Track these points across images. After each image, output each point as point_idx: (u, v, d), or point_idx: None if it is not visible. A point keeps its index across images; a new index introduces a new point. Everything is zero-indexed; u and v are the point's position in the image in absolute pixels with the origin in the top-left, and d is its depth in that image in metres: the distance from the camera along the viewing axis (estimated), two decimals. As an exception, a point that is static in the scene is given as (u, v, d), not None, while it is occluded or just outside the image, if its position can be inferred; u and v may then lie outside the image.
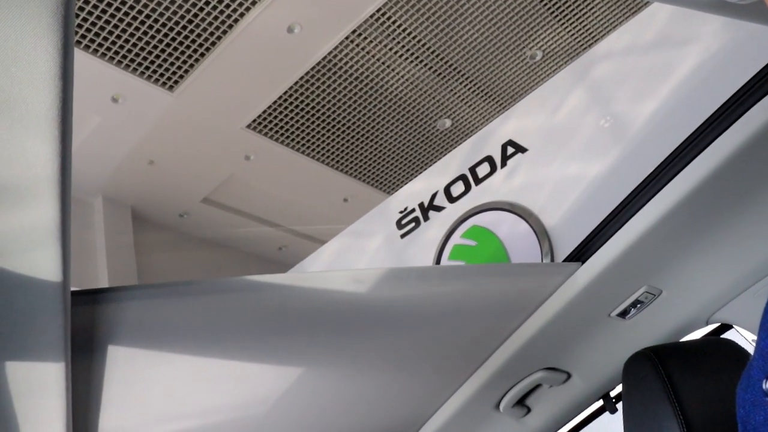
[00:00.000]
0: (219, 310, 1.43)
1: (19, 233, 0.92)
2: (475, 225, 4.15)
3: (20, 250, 0.94)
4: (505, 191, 4.08)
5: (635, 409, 1.29)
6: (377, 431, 2.06)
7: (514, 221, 3.97)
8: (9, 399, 1.26)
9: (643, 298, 1.66)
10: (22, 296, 1.03)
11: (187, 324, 1.42)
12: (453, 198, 4.32)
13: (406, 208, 4.55)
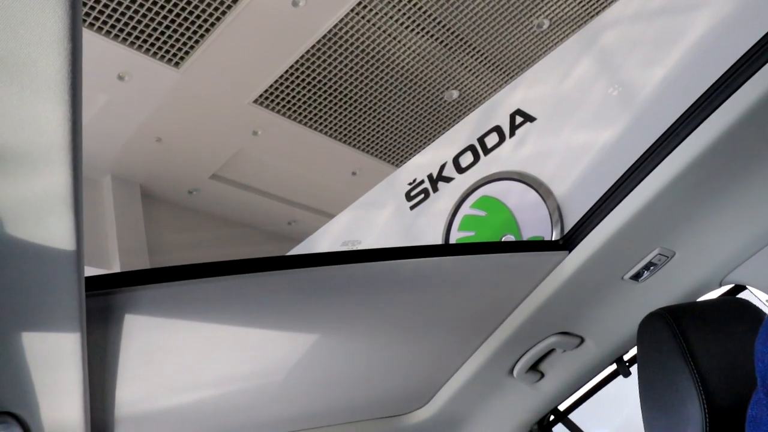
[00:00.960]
0: (234, 283, 1.44)
1: (31, 201, 0.91)
2: (484, 195, 4.16)
3: (33, 218, 0.94)
4: (514, 161, 4.08)
5: (650, 369, 1.29)
6: (392, 399, 2.07)
7: (523, 191, 3.97)
8: (27, 370, 1.27)
9: (656, 261, 1.66)
10: (35, 266, 1.03)
11: (202, 295, 1.43)
12: (462, 169, 4.32)
13: (414, 179, 4.55)
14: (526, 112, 4.06)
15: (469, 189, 4.24)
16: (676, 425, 1.20)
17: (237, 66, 6.02)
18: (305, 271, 1.48)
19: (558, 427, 2.33)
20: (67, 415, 1.45)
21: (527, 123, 4.05)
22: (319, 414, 2.00)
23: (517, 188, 4.02)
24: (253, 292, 1.45)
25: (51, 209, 0.93)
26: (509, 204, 4.05)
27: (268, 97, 6.41)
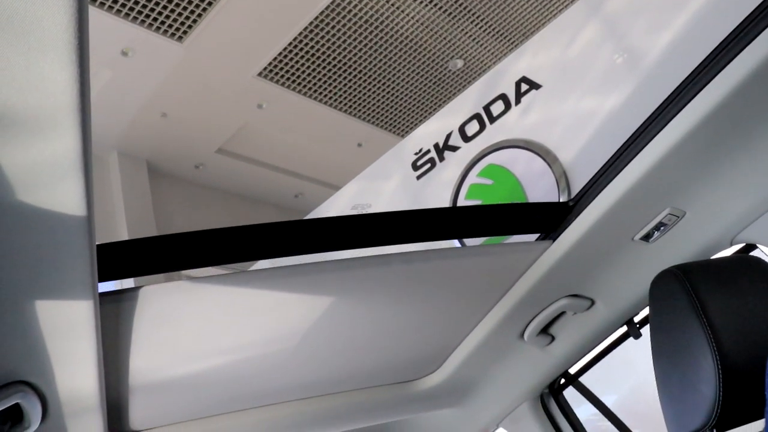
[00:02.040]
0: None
1: (40, 167, 0.91)
2: (491, 164, 4.15)
3: (42, 184, 0.94)
4: (520, 129, 4.07)
5: (663, 327, 1.29)
6: (403, 365, 2.08)
7: (529, 158, 3.96)
8: (41, 340, 1.28)
9: (667, 221, 1.65)
10: (47, 233, 1.03)
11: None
12: (468, 137, 4.31)
13: (421, 149, 4.54)
14: (532, 79, 4.04)
15: (475, 157, 4.23)
16: (689, 382, 1.21)
17: (240, 39, 6.00)
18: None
19: (569, 390, 2.34)
20: (82, 383, 1.46)
21: (533, 90, 4.03)
22: (331, 381, 2.01)
23: (524, 156, 4.01)
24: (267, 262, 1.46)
25: (60, 174, 0.93)
26: (516, 172, 4.04)
27: (272, 69, 6.39)
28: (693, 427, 1.20)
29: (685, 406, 1.22)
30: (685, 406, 1.22)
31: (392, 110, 7.30)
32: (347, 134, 7.45)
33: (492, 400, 2.34)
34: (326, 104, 6.95)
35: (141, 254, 1.33)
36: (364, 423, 2.24)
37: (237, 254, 1.42)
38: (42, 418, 1.52)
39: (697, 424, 1.19)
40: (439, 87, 7.23)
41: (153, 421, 1.88)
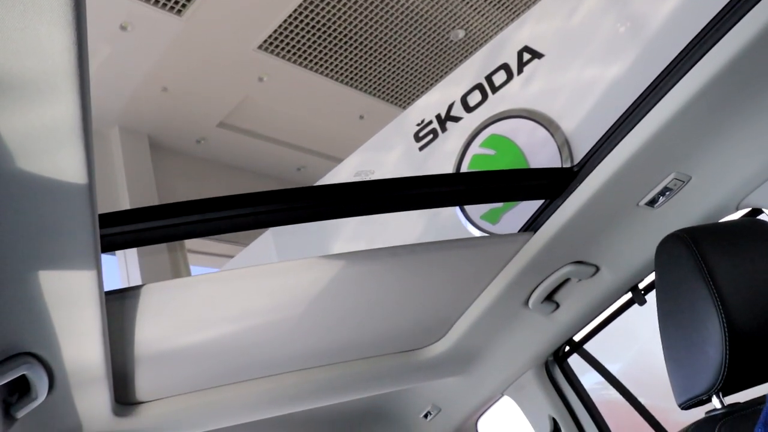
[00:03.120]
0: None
1: (39, 133, 0.90)
2: (493, 134, 4.13)
3: (41, 151, 0.93)
4: (522, 98, 4.04)
5: (669, 290, 1.28)
6: (408, 334, 2.08)
7: (532, 128, 3.94)
8: (46, 311, 1.28)
9: (672, 186, 1.64)
10: (48, 202, 1.02)
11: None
12: (470, 108, 4.29)
13: (423, 120, 4.52)
14: (534, 48, 4.01)
15: (477, 128, 4.21)
16: (695, 346, 1.20)
17: (240, 12, 5.95)
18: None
19: (573, 358, 2.35)
20: (88, 354, 1.46)
21: (535, 60, 4.00)
22: (335, 350, 2.02)
23: (526, 126, 3.99)
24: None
25: (60, 140, 0.92)
26: (518, 142, 4.03)
27: (272, 42, 6.34)
28: (699, 391, 1.20)
29: (691, 370, 1.22)
30: (692, 369, 1.21)
31: (394, 82, 7.26)
32: (349, 106, 7.41)
33: (496, 368, 2.35)
34: (327, 76, 6.91)
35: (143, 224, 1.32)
36: (368, 392, 2.24)
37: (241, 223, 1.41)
38: (49, 390, 1.53)
39: (704, 388, 1.19)
40: (440, 58, 7.18)
41: (159, 392, 1.89)
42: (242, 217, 1.39)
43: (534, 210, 1.79)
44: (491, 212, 4.00)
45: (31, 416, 1.55)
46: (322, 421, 2.64)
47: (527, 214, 1.84)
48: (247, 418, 2.11)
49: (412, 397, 2.64)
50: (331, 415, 2.62)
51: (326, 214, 1.53)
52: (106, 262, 1.47)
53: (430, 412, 2.68)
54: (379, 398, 2.59)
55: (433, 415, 2.68)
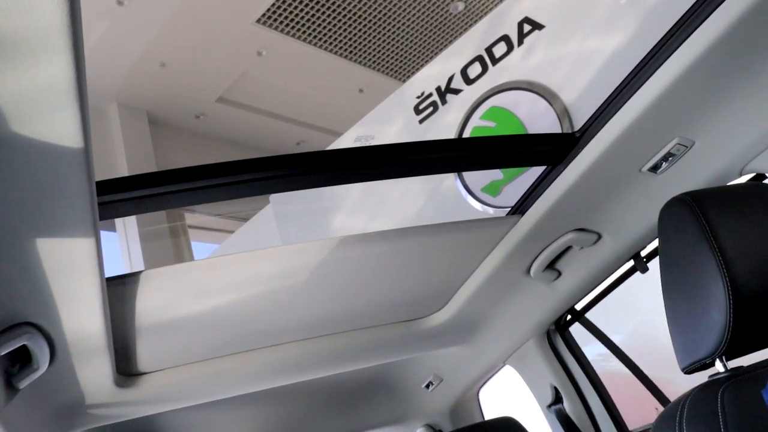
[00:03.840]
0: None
1: (33, 94, 0.88)
2: (493, 106, 4.11)
3: (37, 114, 0.91)
4: (523, 70, 4.02)
5: (672, 255, 1.27)
6: (409, 302, 2.08)
7: (533, 100, 3.92)
8: (45, 279, 1.27)
9: (675, 151, 1.62)
10: (44, 167, 1.01)
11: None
12: (470, 80, 4.26)
13: (423, 93, 4.50)
14: (534, 19, 3.98)
15: (478, 100, 4.19)
16: (699, 310, 1.19)
17: (237, -15, 5.91)
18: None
19: (575, 327, 2.34)
20: (88, 323, 1.46)
21: (535, 31, 3.97)
22: (337, 320, 2.01)
23: (527, 98, 3.98)
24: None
25: (55, 102, 0.90)
26: (519, 114, 4.01)
27: (270, 16, 6.29)
28: (702, 354, 1.19)
29: (694, 334, 1.21)
30: (695, 334, 1.21)
31: (393, 55, 7.22)
32: (348, 80, 7.38)
33: (498, 337, 2.34)
34: (326, 50, 6.87)
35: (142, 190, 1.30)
36: (370, 362, 2.24)
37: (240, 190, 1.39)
38: (50, 360, 1.52)
39: (707, 351, 1.18)
40: (440, 30, 7.14)
41: (161, 362, 1.89)
42: (242, 183, 1.37)
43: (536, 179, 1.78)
44: (492, 185, 3.99)
45: (33, 387, 1.55)
46: (324, 393, 2.65)
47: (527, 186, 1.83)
48: (249, 389, 2.11)
49: (413, 367, 2.64)
50: (333, 386, 2.63)
51: (326, 181, 1.51)
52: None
53: (431, 382, 2.68)
54: (380, 369, 2.59)
55: (434, 385, 2.69)
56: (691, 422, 1.08)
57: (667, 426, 1.12)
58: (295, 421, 2.68)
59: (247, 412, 2.54)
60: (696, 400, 1.12)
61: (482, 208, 4.03)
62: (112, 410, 1.90)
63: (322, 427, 2.74)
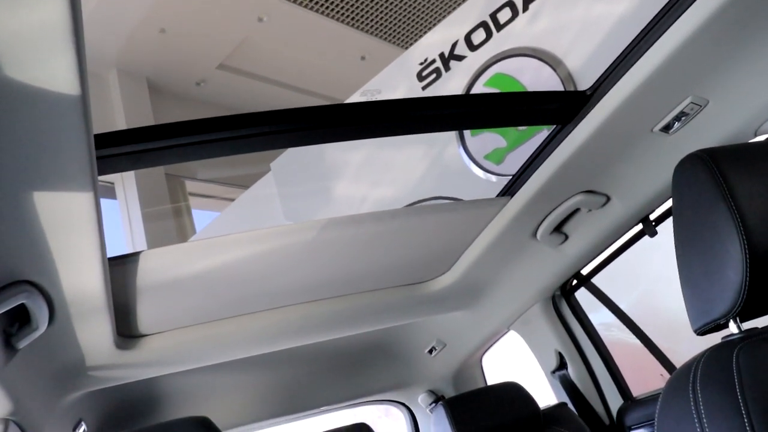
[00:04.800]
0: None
1: (28, 38, 0.85)
2: (498, 73, 4.06)
3: (32, 59, 0.88)
4: (527, 36, 3.96)
5: (687, 213, 1.23)
6: (413, 265, 2.05)
7: (537, 67, 3.87)
8: (43, 236, 1.24)
9: (688, 110, 1.58)
10: (41, 116, 0.98)
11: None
12: (474, 46, 4.20)
13: (426, 59, 4.44)
14: (541, -17, 3.92)
15: (482, 67, 4.14)
16: (714, 269, 1.16)
17: (238, -51, 5.82)
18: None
19: (581, 292, 2.32)
20: (88, 282, 1.43)
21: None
22: (340, 283, 1.99)
23: (531, 64, 3.92)
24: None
25: (50, 46, 0.87)
26: (523, 81, 3.96)
27: (271, -19, 6.22)
28: (717, 315, 1.16)
29: (709, 294, 1.18)
30: (709, 294, 1.17)
31: (396, 21, 7.14)
32: (350, 47, 7.30)
33: (503, 301, 2.32)
34: (328, 16, 6.79)
35: (141, 144, 1.27)
36: (373, 326, 2.22)
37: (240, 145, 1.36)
38: (49, 320, 1.50)
39: (722, 311, 1.15)
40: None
41: (162, 324, 1.87)
42: (242, 138, 1.33)
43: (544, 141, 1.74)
44: (495, 152, 3.95)
45: (33, 347, 1.53)
46: (326, 358, 2.63)
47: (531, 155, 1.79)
48: (251, 352, 2.09)
49: (417, 332, 2.63)
50: (335, 352, 2.61)
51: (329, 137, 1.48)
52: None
53: (435, 347, 2.67)
54: (383, 334, 2.57)
55: (438, 350, 2.67)
56: (705, 383, 1.05)
57: (680, 386, 1.09)
58: (297, 386, 2.67)
59: (248, 376, 2.53)
60: (710, 361, 1.09)
61: (485, 176, 3.99)
62: (112, 372, 1.89)
63: (323, 392, 2.73)
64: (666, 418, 1.11)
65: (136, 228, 6.30)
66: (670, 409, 1.11)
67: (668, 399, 1.13)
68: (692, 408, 1.04)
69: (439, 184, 4.13)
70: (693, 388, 1.06)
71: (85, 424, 2.13)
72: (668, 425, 1.10)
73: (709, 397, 1.02)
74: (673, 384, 1.14)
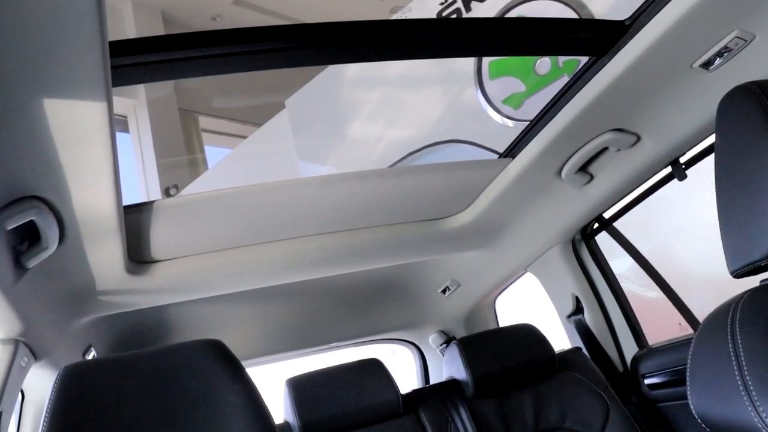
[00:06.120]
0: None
1: None
2: (520, 15, 3.96)
3: None
4: (551, -23, 3.85)
5: (730, 148, 1.16)
6: (431, 201, 2.00)
7: (560, 10, 3.76)
8: (53, 149, 1.19)
9: (732, 45, 1.46)
10: (53, 13, 0.92)
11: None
12: (498, -14, 4.09)
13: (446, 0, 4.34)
14: None
15: (503, 8, 4.04)
16: (756, 206, 1.09)
17: None
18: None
19: (601, 236, 2.26)
20: (99, 200, 1.39)
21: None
22: (359, 215, 1.94)
23: (554, 7, 3.82)
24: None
25: None
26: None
27: None
28: (757, 256, 1.09)
29: (749, 234, 1.11)
30: (750, 233, 1.11)
31: (417, -40, 6.99)
32: (371, -17, 7.18)
33: (522, 242, 2.27)
34: (348, -48, 6.66)
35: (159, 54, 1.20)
36: (389, 261, 2.18)
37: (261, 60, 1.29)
38: (60, 240, 1.46)
39: (763, 252, 1.08)
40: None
41: (174, 251, 1.83)
42: (261, 53, 1.26)
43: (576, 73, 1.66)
44: (513, 97, 3.88)
45: (43, 267, 1.50)
46: (339, 293, 2.60)
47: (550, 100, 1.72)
48: (264, 282, 2.05)
49: (431, 271, 2.59)
50: (348, 288, 2.58)
51: (354, 55, 1.40)
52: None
53: (449, 287, 2.63)
54: (397, 271, 2.54)
55: (451, 290, 2.64)
56: (745, 323, 0.99)
57: (718, 326, 1.04)
58: (308, 321, 2.65)
59: (259, 309, 2.50)
60: (750, 302, 1.04)
61: (502, 120, 3.92)
62: (122, 298, 1.86)
63: (334, 328, 2.71)
64: (701, 359, 1.07)
65: (149, 162, 6.27)
66: (706, 349, 1.06)
67: (703, 340, 1.08)
68: (730, 349, 0.99)
69: (454, 127, 4.07)
70: (732, 329, 1.01)
71: (95, 350, 2.11)
72: (703, 366, 1.05)
73: (749, 338, 0.97)
74: (709, 325, 1.09)
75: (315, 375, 1.96)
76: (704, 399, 1.05)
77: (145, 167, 6.23)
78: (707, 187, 2.30)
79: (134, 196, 6.05)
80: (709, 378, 1.03)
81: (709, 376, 1.03)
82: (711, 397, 1.03)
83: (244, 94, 6.89)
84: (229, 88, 7.12)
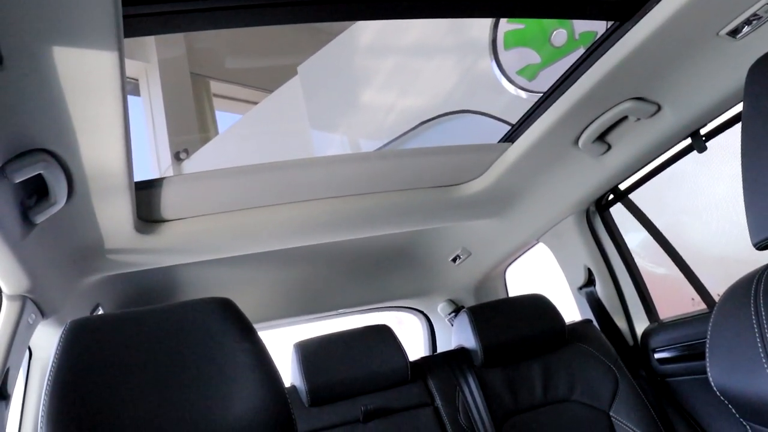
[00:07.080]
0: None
1: None
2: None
3: None
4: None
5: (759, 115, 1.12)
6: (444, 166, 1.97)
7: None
8: (63, 101, 1.17)
9: (763, 12, 1.39)
10: None
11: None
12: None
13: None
14: None
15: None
16: None
17: None
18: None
19: (616, 208, 2.23)
20: (108, 155, 1.36)
21: None
22: (372, 179, 1.91)
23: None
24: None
25: None
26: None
27: None
28: None
29: None
30: None
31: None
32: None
33: (535, 212, 2.24)
34: None
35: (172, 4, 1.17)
36: (400, 227, 2.15)
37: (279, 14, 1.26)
38: (68, 196, 1.44)
39: None
40: None
41: (183, 210, 1.81)
42: (280, 6, 1.23)
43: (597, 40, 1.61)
44: (528, 68, 3.83)
45: (51, 223, 1.48)
46: (349, 259, 2.58)
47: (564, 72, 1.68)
48: (275, 245, 2.03)
49: (442, 239, 2.57)
50: (359, 254, 2.56)
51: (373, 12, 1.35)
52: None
53: (459, 255, 2.61)
54: (408, 238, 2.52)
55: (462, 259, 2.61)
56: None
57: (741, 297, 1.01)
58: (317, 286, 2.63)
59: (269, 272, 2.49)
60: None
61: (515, 92, 3.88)
62: (130, 257, 1.84)
63: (343, 294, 2.69)
64: (722, 330, 1.04)
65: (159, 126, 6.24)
66: (728, 321, 1.03)
67: (725, 311, 1.05)
68: (753, 320, 0.96)
69: (467, 97, 4.03)
70: (755, 301, 0.98)
71: (103, 310, 2.10)
72: (725, 337, 1.03)
73: None
74: (731, 297, 1.06)
75: (323, 339, 1.95)
76: (724, 370, 1.02)
77: (156, 131, 6.20)
78: (726, 162, 2.26)
79: (145, 159, 6.03)
80: (730, 349, 1.01)
81: (731, 347, 1.01)
82: (731, 369, 1.00)
83: (257, 55, 6.82)
84: (242, 50, 7.04)
